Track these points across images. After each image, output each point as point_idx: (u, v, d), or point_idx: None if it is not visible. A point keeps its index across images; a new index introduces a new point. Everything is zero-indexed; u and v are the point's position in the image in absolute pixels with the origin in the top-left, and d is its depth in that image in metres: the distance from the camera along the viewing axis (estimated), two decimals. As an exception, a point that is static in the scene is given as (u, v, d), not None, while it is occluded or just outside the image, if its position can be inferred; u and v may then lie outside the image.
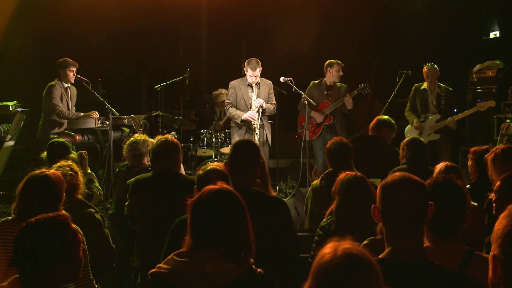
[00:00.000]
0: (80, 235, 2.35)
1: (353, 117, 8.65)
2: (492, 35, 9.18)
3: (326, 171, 4.68)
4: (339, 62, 7.39)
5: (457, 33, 9.28)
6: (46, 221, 2.25)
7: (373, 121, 5.99)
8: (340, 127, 7.44)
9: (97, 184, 5.20)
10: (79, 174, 3.89)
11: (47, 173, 3.17)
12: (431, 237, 2.40)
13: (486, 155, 4.08)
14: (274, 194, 4.20)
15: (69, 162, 4.00)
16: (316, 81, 7.52)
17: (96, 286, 3.12)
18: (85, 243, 3.04)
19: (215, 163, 3.63)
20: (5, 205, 7.21)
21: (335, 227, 3.35)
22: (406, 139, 5.12)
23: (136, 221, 3.87)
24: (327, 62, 7.45)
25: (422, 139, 5.34)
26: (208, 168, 3.42)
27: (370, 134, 5.94)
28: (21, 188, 3.14)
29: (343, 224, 3.28)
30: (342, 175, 3.53)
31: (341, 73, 7.38)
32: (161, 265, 2.12)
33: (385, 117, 6.09)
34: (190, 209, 2.19)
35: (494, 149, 3.99)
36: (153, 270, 2.12)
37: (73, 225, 2.32)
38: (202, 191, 2.21)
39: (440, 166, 3.87)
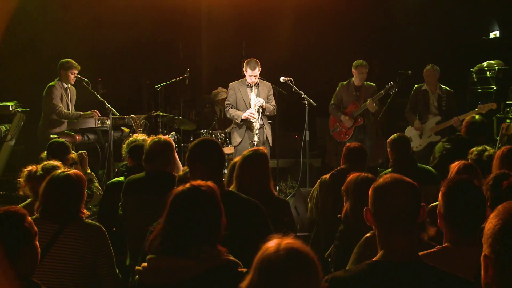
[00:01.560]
0: (35, 227, 2.44)
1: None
2: (492, 35, 9.17)
3: (338, 168, 4.70)
4: (363, 63, 7.34)
5: (457, 33, 9.28)
6: (5, 214, 2.36)
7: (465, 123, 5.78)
8: (370, 126, 7.52)
9: (97, 184, 5.21)
10: None
11: (68, 172, 3.22)
12: (450, 237, 2.41)
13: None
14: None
15: (56, 164, 3.95)
16: (345, 82, 7.55)
17: None
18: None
19: None
20: (5, 205, 7.20)
21: (351, 228, 3.33)
22: (390, 138, 5.00)
23: (128, 220, 3.88)
24: (354, 62, 7.42)
25: (406, 135, 5.25)
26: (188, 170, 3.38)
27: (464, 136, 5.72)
28: (43, 187, 3.18)
29: (358, 225, 3.26)
30: (353, 176, 3.48)
31: (364, 75, 7.36)
32: (144, 263, 2.18)
33: (477, 116, 5.89)
34: (163, 219, 2.20)
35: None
36: (137, 267, 2.19)
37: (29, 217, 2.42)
38: (170, 198, 2.21)
39: (457, 165, 3.81)
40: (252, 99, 6.78)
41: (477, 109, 7.21)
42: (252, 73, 6.74)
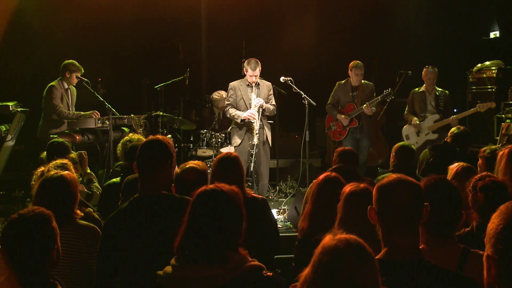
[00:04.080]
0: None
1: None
2: (492, 35, 9.18)
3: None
4: (358, 65, 7.32)
5: (457, 33, 9.28)
6: (34, 215, 2.37)
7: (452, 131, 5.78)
8: (367, 127, 7.52)
9: (97, 184, 5.20)
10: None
11: (62, 173, 3.22)
12: (427, 238, 2.41)
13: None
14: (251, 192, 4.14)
15: (65, 161, 3.99)
16: (342, 81, 7.54)
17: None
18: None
19: (195, 162, 3.56)
20: (5, 205, 7.22)
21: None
22: (397, 145, 5.16)
23: None
24: (350, 63, 7.42)
25: (413, 147, 5.34)
26: (186, 166, 3.34)
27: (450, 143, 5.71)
28: (37, 189, 3.17)
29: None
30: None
31: (360, 77, 7.34)
32: (166, 268, 2.11)
33: (462, 127, 5.87)
34: (184, 222, 2.12)
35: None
36: (159, 272, 2.13)
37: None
38: (192, 200, 2.15)
39: (455, 166, 3.80)
40: (252, 99, 6.78)
41: (476, 108, 7.23)
42: (252, 73, 6.74)
